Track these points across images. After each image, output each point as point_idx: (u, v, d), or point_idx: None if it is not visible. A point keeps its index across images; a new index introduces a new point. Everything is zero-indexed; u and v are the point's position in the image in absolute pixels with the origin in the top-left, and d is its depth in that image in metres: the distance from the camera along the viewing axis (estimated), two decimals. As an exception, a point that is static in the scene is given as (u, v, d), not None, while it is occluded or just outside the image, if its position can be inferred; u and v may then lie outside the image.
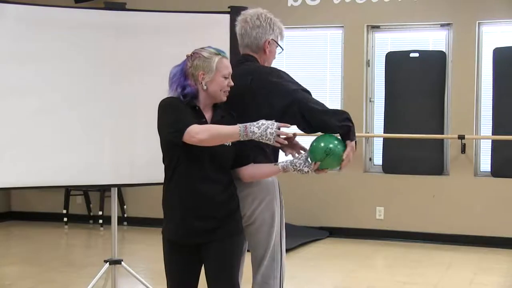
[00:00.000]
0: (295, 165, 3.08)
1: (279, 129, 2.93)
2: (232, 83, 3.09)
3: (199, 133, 2.89)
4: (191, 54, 3.09)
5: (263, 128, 2.90)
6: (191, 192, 3.04)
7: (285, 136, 2.95)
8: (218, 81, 3.05)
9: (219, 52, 3.09)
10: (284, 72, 3.29)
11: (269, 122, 2.92)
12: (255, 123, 2.92)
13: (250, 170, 3.15)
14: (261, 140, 2.93)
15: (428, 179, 7.46)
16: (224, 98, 3.10)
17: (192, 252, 3.11)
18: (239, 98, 3.13)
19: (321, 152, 3.05)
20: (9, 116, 4.41)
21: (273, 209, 3.27)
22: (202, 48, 3.10)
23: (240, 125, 2.93)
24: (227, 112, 3.13)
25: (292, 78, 3.27)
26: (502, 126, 7.18)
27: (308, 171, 3.08)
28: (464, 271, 6.18)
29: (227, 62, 3.09)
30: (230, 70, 3.09)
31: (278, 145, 2.97)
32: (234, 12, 4.72)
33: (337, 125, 3.11)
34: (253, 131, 2.90)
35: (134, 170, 4.67)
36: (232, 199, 3.11)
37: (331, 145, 3.07)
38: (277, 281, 3.31)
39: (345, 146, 3.11)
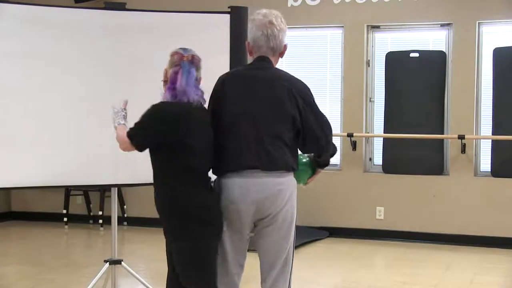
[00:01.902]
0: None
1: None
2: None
3: None
4: None
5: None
6: None
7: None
8: None
9: None
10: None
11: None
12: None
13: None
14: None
15: (428, 179, 7.45)
16: None
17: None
18: (278, 99, 3.23)
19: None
20: (9, 116, 4.41)
21: (293, 209, 3.31)
22: None
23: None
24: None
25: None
26: (502, 126, 7.18)
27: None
28: (464, 271, 6.18)
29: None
30: None
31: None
32: (234, 12, 4.74)
33: (328, 158, 3.46)
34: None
35: (134, 170, 4.66)
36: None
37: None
38: (286, 283, 3.34)
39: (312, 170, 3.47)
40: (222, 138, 3.21)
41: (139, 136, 3.16)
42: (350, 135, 7.56)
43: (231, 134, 3.20)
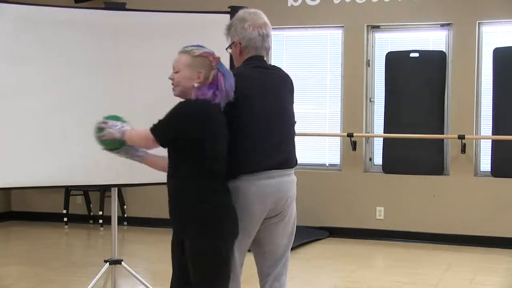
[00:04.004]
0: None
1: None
2: (171, 76, 3.15)
3: None
4: None
5: None
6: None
7: None
8: None
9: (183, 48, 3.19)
10: None
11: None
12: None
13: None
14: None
15: (428, 179, 7.46)
16: (174, 92, 3.17)
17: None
18: (288, 98, 3.35)
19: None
20: (9, 116, 4.41)
21: (295, 205, 3.38)
22: None
23: None
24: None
25: None
26: (502, 126, 7.18)
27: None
28: (464, 271, 6.18)
29: (177, 57, 3.16)
30: (174, 62, 3.16)
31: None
32: (234, 12, 4.72)
33: None
34: None
35: (134, 170, 4.65)
36: (187, 200, 3.10)
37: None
38: (286, 278, 3.37)
39: None
40: (239, 138, 3.17)
41: (163, 132, 3.11)
42: (350, 135, 7.57)
43: (250, 134, 3.17)
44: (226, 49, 3.40)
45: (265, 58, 3.37)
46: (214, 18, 4.88)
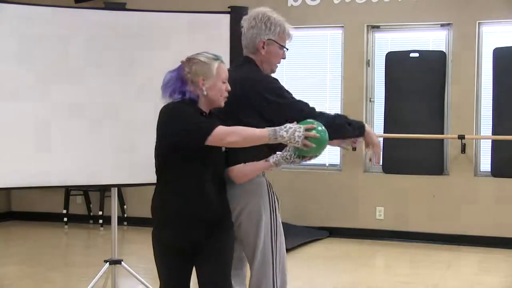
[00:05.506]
0: (287, 158, 3.04)
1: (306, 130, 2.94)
2: (229, 88, 3.09)
3: (228, 135, 2.92)
4: (187, 60, 3.08)
5: (291, 132, 2.92)
6: (193, 195, 3.02)
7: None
8: (218, 86, 3.06)
9: (217, 57, 3.09)
10: (278, 85, 3.28)
11: (296, 125, 2.94)
12: (283, 127, 2.93)
13: (242, 169, 3.12)
14: (289, 143, 2.95)
15: (428, 179, 7.45)
16: (222, 104, 3.10)
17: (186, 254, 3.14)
18: (231, 106, 3.13)
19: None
20: (9, 116, 4.41)
21: (259, 211, 3.22)
22: (198, 54, 3.09)
23: (269, 128, 2.94)
24: (219, 117, 3.12)
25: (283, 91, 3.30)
26: (502, 126, 7.18)
27: (299, 161, 3.07)
28: (464, 271, 6.19)
29: (224, 67, 3.11)
30: (227, 74, 3.10)
31: (306, 148, 2.95)
32: (234, 12, 4.73)
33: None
34: (282, 135, 2.91)
35: (134, 170, 4.67)
36: (225, 200, 3.16)
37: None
38: (269, 283, 3.23)
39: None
40: None
41: None
42: (350, 135, 7.55)
43: None
44: None
45: (253, 56, 3.31)
46: (214, 18, 4.88)
